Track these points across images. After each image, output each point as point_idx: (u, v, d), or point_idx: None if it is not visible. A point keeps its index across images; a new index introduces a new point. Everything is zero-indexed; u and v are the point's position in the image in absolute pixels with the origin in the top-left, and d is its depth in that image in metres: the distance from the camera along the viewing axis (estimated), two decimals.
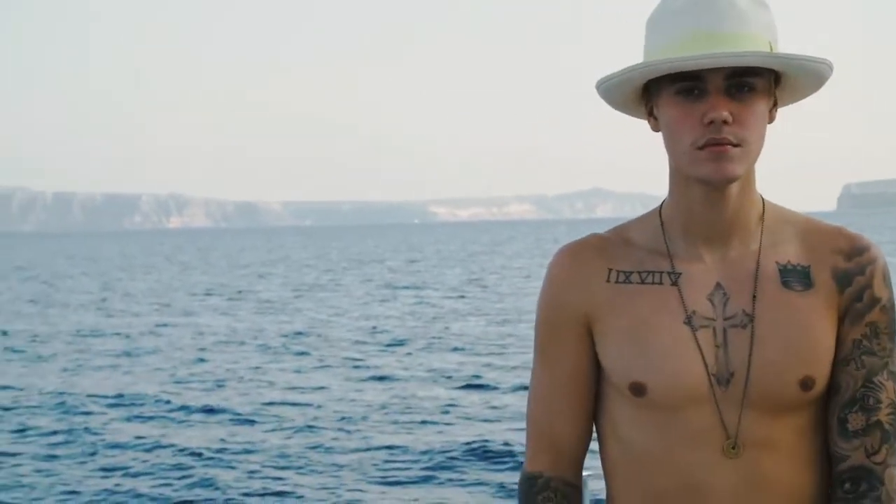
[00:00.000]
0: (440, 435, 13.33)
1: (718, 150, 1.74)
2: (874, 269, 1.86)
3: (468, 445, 12.60)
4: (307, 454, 12.53)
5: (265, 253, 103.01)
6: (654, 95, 1.83)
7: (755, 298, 1.83)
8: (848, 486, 1.83)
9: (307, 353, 22.42)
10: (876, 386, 1.83)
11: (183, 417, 15.18)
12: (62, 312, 35.42)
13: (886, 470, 1.83)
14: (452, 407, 15.26)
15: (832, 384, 1.84)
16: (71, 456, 12.85)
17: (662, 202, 1.93)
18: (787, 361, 1.80)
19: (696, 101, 1.75)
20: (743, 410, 1.80)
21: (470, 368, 19.09)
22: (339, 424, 14.22)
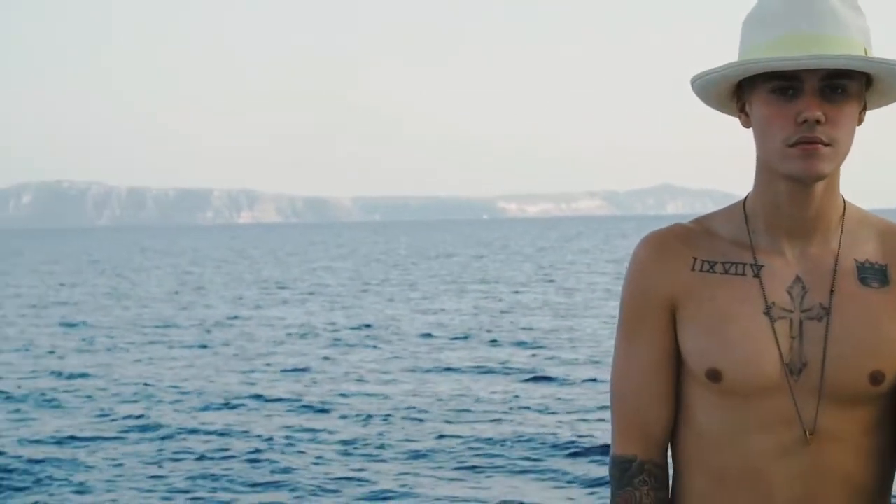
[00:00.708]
0: (507, 427, 13.44)
1: (810, 148, 1.80)
2: None
3: (536, 438, 12.69)
4: (377, 444, 12.73)
5: (334, 247, 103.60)
6: (746, 92, 1.89)
7: (832, 293, 1.89)
8: None
9: (377, 346, 22.64)
10: None
11: (256, 406, 15.45)
12: (137, 305, 36.03)
13: None
14: (519, 399, 15.36)
15: None
16: (148, 441, 13.19)
17: (746, 196, 1.99)
18: (858, 355, 1.86)
19: (790, 100, 1.81)
20: (815, 401, 1.86)
21: (537, 362, 19.20)
22: (408, 414, 14.40)
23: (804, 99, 1.80)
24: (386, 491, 10.73)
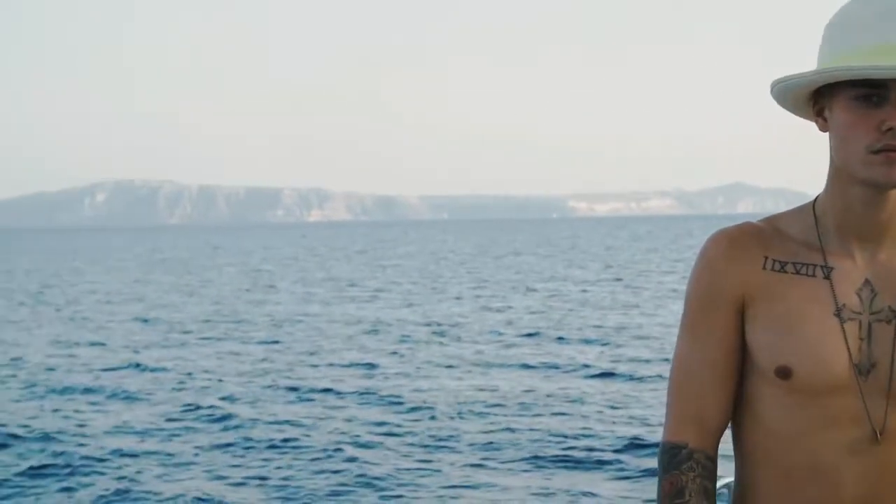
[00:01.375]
0: (574, 422, 13.58)
1: (894, 155, 1.84)
2: None
3: (602, 433, 12.86)
4: (446, 436, 12.96)
5: (403, 245, 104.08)
6: (826, 98, 1.91)
7: None
8: None
9: (445, 343, 22.89)
10: None
11: (327, 400, 15.74)
12: (210, 302, 36.61)
13: None
14: (586, 395, 15.52)
15: None
16: (222, 431, 13.53)
17: (816, 198, 2.01)
18: None
19: (874, 107, 1.84)
20: (884, 401, 1.89)
21: (604, 360, 19.30)
22: (477, 409, 14.61)
23: (889, 108, 1.84)
24: (454, 483, 10.94)
